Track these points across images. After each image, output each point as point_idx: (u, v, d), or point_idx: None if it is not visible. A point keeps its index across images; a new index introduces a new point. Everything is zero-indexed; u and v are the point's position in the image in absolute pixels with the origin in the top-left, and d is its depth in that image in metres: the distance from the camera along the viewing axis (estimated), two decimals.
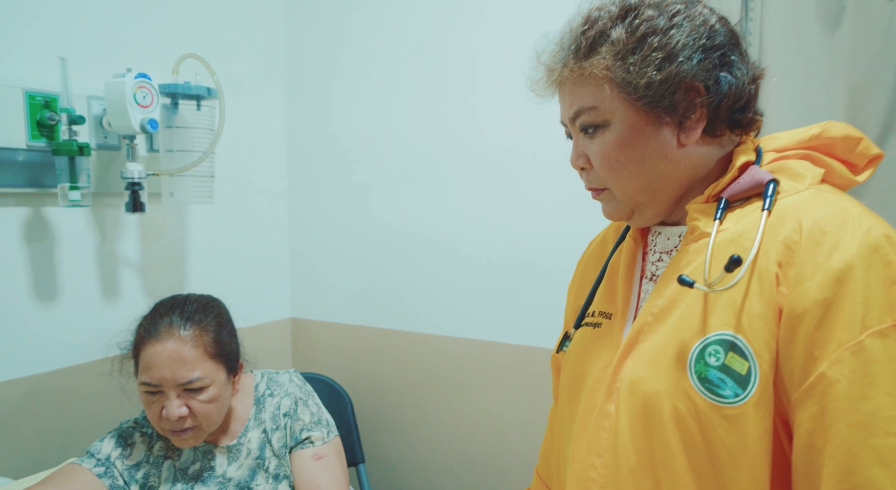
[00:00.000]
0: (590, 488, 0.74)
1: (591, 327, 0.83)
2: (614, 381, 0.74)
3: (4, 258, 1.31)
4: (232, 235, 1.77)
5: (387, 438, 1.79)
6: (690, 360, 0.67)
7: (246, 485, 1.20)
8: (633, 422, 0.71)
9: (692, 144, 0.72)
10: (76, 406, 1.39)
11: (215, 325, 1.16)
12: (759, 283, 0.64)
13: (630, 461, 0.71)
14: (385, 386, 1.78)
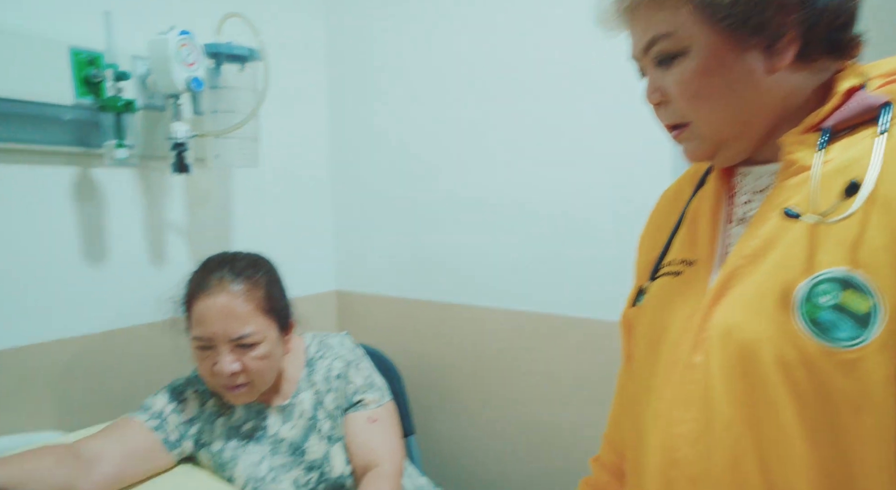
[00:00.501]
0: (677, 445, 0.68)
1: (671, 276, 0.76)
2: (702, 329, 0.67)
3: (54, 217, 1.30)
4: (275, 203, 1.74)
5: (437, 411, 1.74)
6: (796, 302, 0.60)
7: (299, 446, 1.17)
8: (727, 372, 0.64)
9: (783, 71, 0.64)
10: (126, 367, 1.38)
11: (266, 281, 1.13)
12: (882, 212, 0.57)
13: (724, 415, 0.64)
14: (434, 359, 1.74)
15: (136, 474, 1.08)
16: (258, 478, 1.13)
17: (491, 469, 1.65)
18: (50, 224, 1.29)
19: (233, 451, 1.15)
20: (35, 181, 1.27)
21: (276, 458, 1.16)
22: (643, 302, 0.80)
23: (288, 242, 1.78)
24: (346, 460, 1.18)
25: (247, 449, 1.15)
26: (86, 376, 1.32)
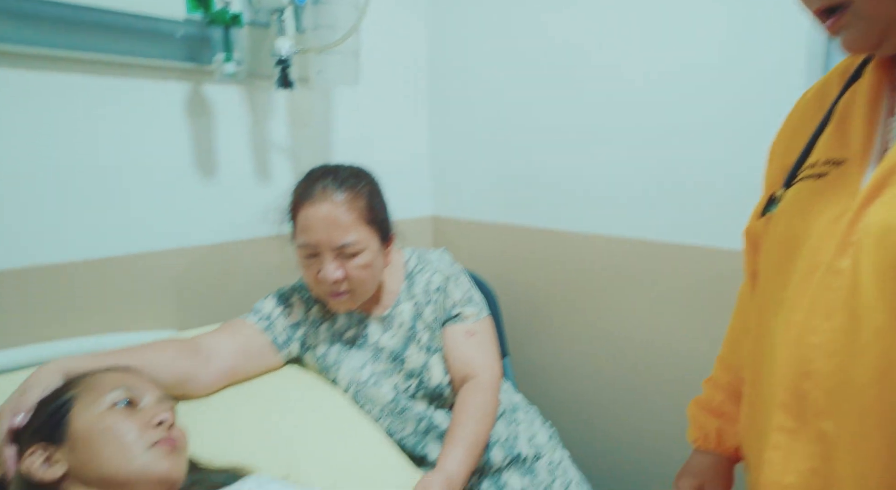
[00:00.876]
0: (811, 357, 0.62)
1: (813, 179, 0.69)
2: (851, 232, 0.60)
3: (168, 131, 1.35)
4: (374, 124, 1.74)
5: (532, 335, 1.74)
6: None
7: (399, 354, 1.20)
8: (881, 276, 0.57)
9: None
10: (235, 277, 1.44)
11: (368, 192, 1.14)
12: None
13: (876, 321, 0.58)
14: (530, 284, 1.72)
15: (249, 370, 1.14)
16: (360, 381, 1.17)
17: (587, 394, 1.64)
18: (165, 138, 1.34)
19: (336, 356, 1.19)
20: (150, 96, 1.32)
21: (378, 365, 1.19)
22: (776, 210, 0.74)
23: (385, 165, 1.78)
24: (445, 370, 1.19)
25: (349, 354, 1.20)
26: (199, 283, 1.39)
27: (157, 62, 1.31)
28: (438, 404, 1.20)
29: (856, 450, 0.59)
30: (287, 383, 1.16)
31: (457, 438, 1.07)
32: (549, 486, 1.24)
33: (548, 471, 1.26)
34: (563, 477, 1.27)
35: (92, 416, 0.80)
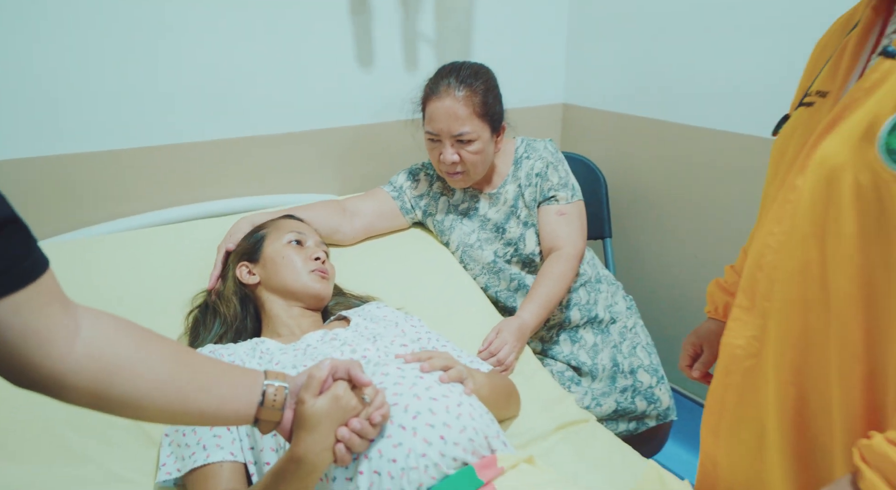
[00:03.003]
0: (764, 252, 0.80)
1: (805, 107, 0.82)
2: (809, 157, 0.74)
3: (335, 27, 1.63)
4: (513, 20, 1.90)
5: (637, 220, 1.91)
6: (882, 134, 0.65)
7: (501, 226, 1.47)
8: (814, 193, 0.72)
9: None
10: (383, 152, 1.76)
11: (483, 89, 1.36)
12: None
13: (803, 229, 0.74)
14: (642, 172, 1.87)
15: (382, 228, 1.49)
16: (468, 244, 1.47)
17: (679, 277, 1.82)
18: (332, 33, 1.63)
19: (450, 223, 1.50)
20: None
21: (483, 233, 1.48)
22: (782, 130, 0.87)
23: (522, 54, 1.95)
24: (537, 242, 1.45)
25: (461, 222, 1.49)
26: (355, 157, 1.74)
27: None
28: (529, 269, 1.47)
29: (780, 322, 0.79)
30: (410, 241, 1.50)
31: (534, 296, 1.35)
32: (619, 345, 1.49)
33: (619, 333, 1.51)
34: (632, 339, 1.51)
35: (276, 246, 1.18)
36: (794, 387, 0.81)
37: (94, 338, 0.62)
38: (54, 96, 1.33)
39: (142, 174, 1.46)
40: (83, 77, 1.35)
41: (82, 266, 1.23)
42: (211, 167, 1.54)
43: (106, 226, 1.41)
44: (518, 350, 1.28)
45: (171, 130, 1.48)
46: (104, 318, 0.65)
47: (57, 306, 0.59)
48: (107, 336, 0.64)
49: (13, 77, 1.28)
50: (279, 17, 1.54)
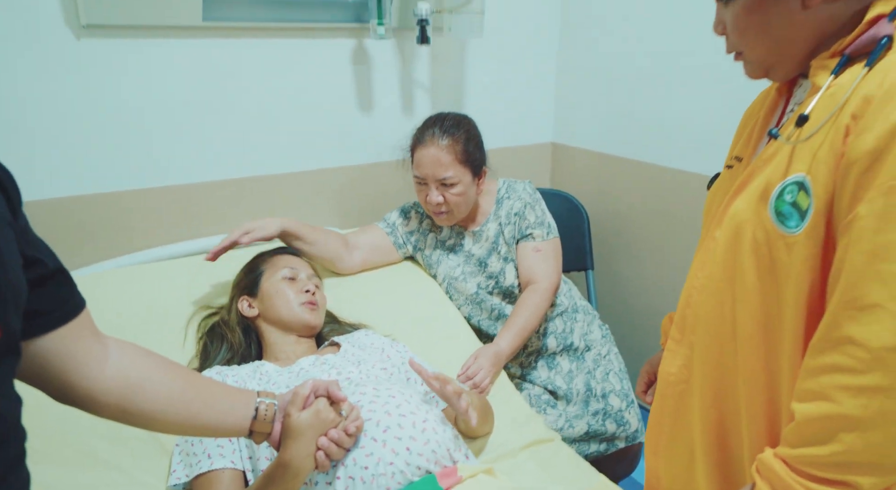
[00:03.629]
0: (691, 292, 0.94)
1: (728, 169, 0.96)
2: (724, 213, 0.89)
3: (339, 76, 1.80)
4: (502, 66, 2.06)
5: (618, 253, 2.05)
6: (772, 198, 0.79)
7: (483, 260, 1.61)
8: (725, 245, 0.87)
9: (819, 4, 0.75)
10: (376, 190, 1.91)
11: (465, 138, 1.51)
12: (833, 132, 0.72)
13: (718, 274, 0.88)
14: (624, 208, 2.01)
15: (377, 262, 1.64)
16: (453, 277, 1.62)
17: (655, 307, 1.95)
18: (336, 81, 1.80)
19: (438, 257, 1.65)
20: (326, 50, 1.77)
21: (467, 267, 1.62)
22: (713, 186, 1.02)
23: (511, 98, 2.11)
24: (516, 275, 1.60)
25: (448, 257, 1.64)
26: (354, 194, 1.90)
27: (332, 24, 1.75)
28: (509, 300, 1.61)
29: (703, 354, 0.93)
30: (401, 274, 1.65)
31: (511, 325, 1.49)
32: (592, 371, 1.62)
33: (594, 360, 1.64)
34: (605, 366, 1.64)
35: (272, 281, 1.33)
36: (714, 409, 0.95)
37: (120, 363, 0.78)
38: (71, 141, 1.50)
39: (157, 212, 1.63)
40: (95, 123, 1.52)
41: (104, 297, 1.39)
42: (221, 204, 1.71)
43: (122, 259, 1.57)
44: (493, 374, 1.42)
45: (184, 171, 1.65)
46: (127, 346, 0.80)
47: (91, 337, 0.75)
48: (130, 361, 0.79)
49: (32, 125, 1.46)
50: (287, 67, 1.71)
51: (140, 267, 1.53)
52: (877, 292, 0.67)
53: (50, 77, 1.44)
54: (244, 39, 1.64)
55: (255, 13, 1.63)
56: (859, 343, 0.69)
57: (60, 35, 1.44)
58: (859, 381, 0.70)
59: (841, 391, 0.71)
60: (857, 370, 0.70)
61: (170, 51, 1.55)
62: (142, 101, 1.55)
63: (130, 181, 1.59)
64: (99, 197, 1.55)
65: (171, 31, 1.54)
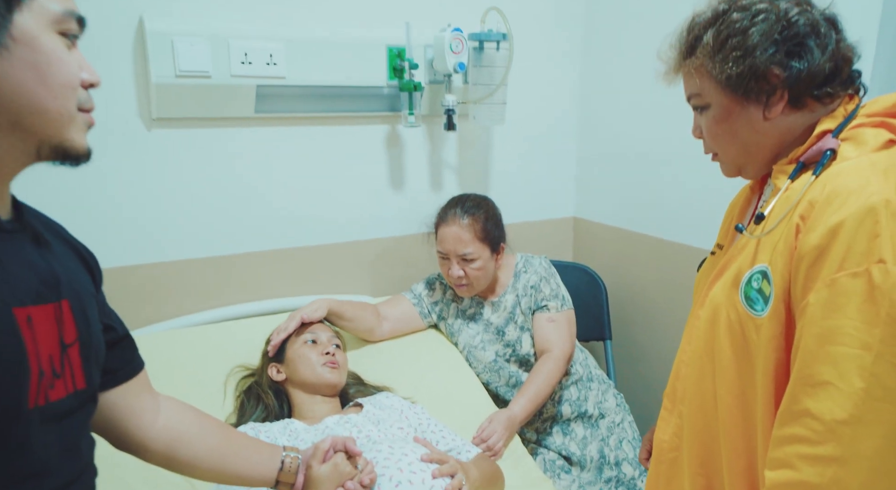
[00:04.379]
0: (679, 366, 1.05)
1: (712, 255, 1.08)
2: (706, 295, 1.00)
3: (374, 159, 1.99)
4: (524, 148, 2.22)
5: (636, 325, 2.13)
6: (742, 284, 0.90)
7: (501, 329, 1.73)
8: (706, 324, 0.97)
9: (778, 117, 0.89)
10: (406, 262, 2.06)
11: (484, 218, 1.66)
12: (787, 229, 0.83)
13: (700, 349, 0.98)
14: (642, 282, 2.10)
15: (405, 330, 1.78)
16: (473, 345, 1.73)
17: None
18: (371, 162, 1.99)
19: (459, 326, 1.77)
20: (364, 135, 1.96)
21: (486, 335, 1.74)
22: (701, 269, 1.13)
23: (533, 177, 2.27)
24: (532, 344, 1.70)
25: (468, 326, 1.76)
26: (385, 264, 2.05)
27: (369, 113, 1.95)
28: (525, 368, 1.71)
29: (690, 423, 1.02)
30: (425, 341, 1.77)
31: (525, 391, 1.58)
32: (606, 438, 1.69)
33: (608, 428, 1.71)
34: (619, 434, 1.71)
35: (295, 347, 1.48)
36: (701, 476, 1.04)
37: (169, 417, 0.92)
38: (135, 217, 1.71)
39: (205, 279, 1.81)
40: (157, 201, 1.73)
41: (156, 357, 1.55)
42: (265, 272, 1.88)
43: (173, 322, 1.74)
44: (506, 438, 1.51)
45: (233, 242, 1.83)
46: (176, 403, 0.95)
47: (147, 394, 0.90)
48: (177, 416, 0.93)
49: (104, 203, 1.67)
50: (328, 150, 1.91)
51: (188, 329, 1.70)
52: (827, 371, 0.77)
53: (123, 161, 1.66)
54: (291, 127, 1.85)
55: (301, 105, 1.84)
56: (815, 416, 0.78)
57: (134, 126, 1.67)
58: (816, 450, 0.78)
59: (801, 460, 0.79)
60: (813, 441, 0.79)
61: (226, 138, 1.77)
62: (199, 182, 1.76)
63: (184, 251, 1.77)
64: (157, 265, 1.74)
65: (227, 121, 1.76)
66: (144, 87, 1.65)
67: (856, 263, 0.75)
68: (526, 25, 2.07)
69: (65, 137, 0.68)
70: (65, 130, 0.68)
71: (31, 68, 0.64)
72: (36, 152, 0.68)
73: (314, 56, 1.78)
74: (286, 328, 1.52)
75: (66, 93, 0.67)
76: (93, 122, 0.74)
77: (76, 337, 0.71)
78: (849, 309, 0.75)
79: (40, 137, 0.67)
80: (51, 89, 0.65)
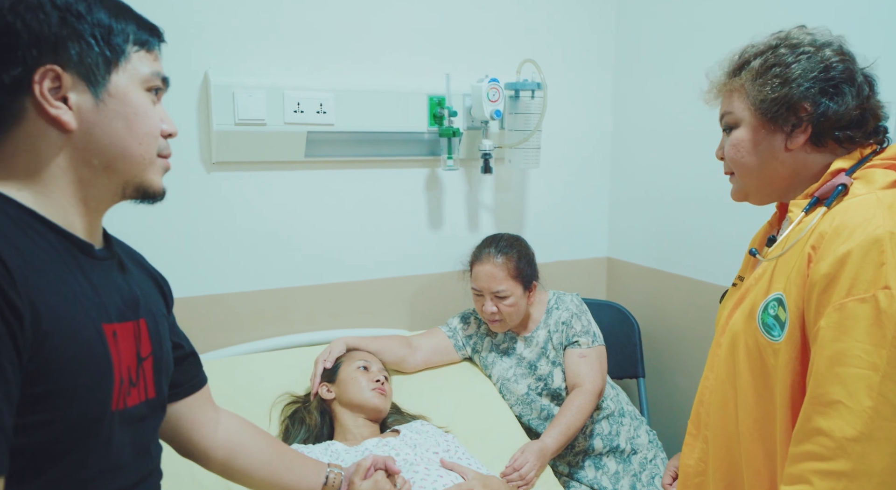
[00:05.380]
0: (703, 392, 1.10)
1: (733, 286, 1.14)
2: (727, 324, 1.06)
3: (414, 200, 2.10)
4: (558, 190, 2.31)
5: (669, 363, 2.16)
6: (759, 311, 0.96)
7: (533, 363, 1.79)
8: (727, 351, 1.03)
9: (798, 150, 0.96)
10: (442, 296, 2.14)
11: (517, 257, 1.74)
12: (800, 259, 0.90)
13: (723, 376, 1.04)
14: (674, 321, 2.14)
15: (438, 362, 1.85)
16: (506, 378, 1.80)
17: None
18: (412, 203, 2.10)
19: (493, 359, 1.84)
20: (406, 178, 2.09)
21: (519, 369, 1.80)
22: (724, 301, 1.19)
23: (567, 219, 2.35)
24: (563, 378, 1.76)
25: (501, 360, 1.83)
26: (423, 300, 2.14)
27: (411, 157, 2.07)
28: (556, 402, 1.76)
29: (715, 447, 1.07)
30: (459, 373, 1.84)
31: (557, 423, 1.63)
32: (638, 474, 1.72)
33: (640, 463, 1.74)
34: (651, 470, 1.74)
35: (348, 370, 1.57)
36: None
37: (227, 428, 1.02)
38: (198, 252, 1.84)
39: (258, 311, 1.92)
40: (217, 238, 1.86)
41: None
42: (311, 305, 1.99)
43: (226, 350, 1.85)
44: (538, 468, 1.55)
45: (282, 276, 1.95)
46: (234, 416, 1.05)
47: (210, 406, 1.00)
48: (235, 428, 1.03)
49: (171, 239, 1.81)
50: (371, 191, 2.03)
51: (235, 358, 1.81)
52: (837, 391, 0.82)
53: (185, 202, 1.80)
54: (338, 170, 1.99)
55: (348, 150, 1.98)
56: (827, 434, 0.84)
57: (196, 169, 1.82)
58: (828, 466, 0.83)
59: (814, 475, 0.85)
60: (825, 457, 0.84)
61: (278, 180, 1.91)
62: (252, 221, 1.89)
63: (234, 285, 1.89)
64: (215, 297, 1.87)
65: (279, 165, 1.90)
66: (206, 133, 1.80)
67: (863, 290, 0.82)
68: (560, 73, 2.19)
69: (145, 178, 0.81)
70: (146, 173, 0.80)
71: (122, 119, 0.77)
72: (122, 191, 0.80)
73: (360, 105, 1.92)
74: (316, 374, 1.62)
75: (149, 141, 0.80)
76: (169, 167, 0.86)
77: (150, 352, 0.82)
78: (857, 332, 0.81)
79: (126, 178, 0.79)
80: (137, 137, 0.78)
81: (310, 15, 1.88)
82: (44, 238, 0.71)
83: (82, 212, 0.77)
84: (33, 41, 0.70)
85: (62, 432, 0.69)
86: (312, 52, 1.89)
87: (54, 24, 0.71)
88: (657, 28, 2.14)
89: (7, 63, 0.70)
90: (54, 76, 0.71)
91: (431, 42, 2.05)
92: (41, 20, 0.70)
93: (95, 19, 0.73)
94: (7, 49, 0.69)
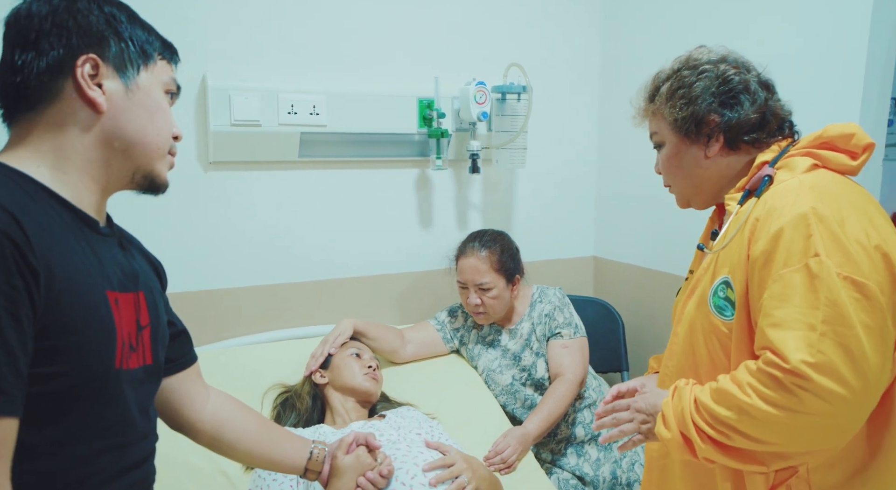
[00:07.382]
0: (664, 380, 1.17)
1: (686, 280, 1.22)
2: (682, 313, 1.13)
3: (405, 199, 2.18)
4: (545, 190, 2.39)
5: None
6: (710, 297, 1.04)
7: (517, 355, 1.86)
8: (684, 337, 1.11)
9: (717, 156, 1.07)
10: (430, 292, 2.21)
11: (500, 251, 1.82)
12: (741, 243, 0.98)
13: (681, 361, 1.11)
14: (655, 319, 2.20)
15: (427, 354, 1.92)
16: (491, 369, 1.86)
17: None
18: (402, 203, 2.18)
19: (479, 351, 1.90)
20: (396, 178, 2.16)
21: (503, 360, 1.87)
22: (679, 293, 1.26)
23: (555, 219, 2.42)
24: (546, 369, 1.82)
25: (487, 351, 1.89)
26: (412, 296, 2.21)
27: (401, 158, 2.15)
28: (540, 391, 1.83)
29: None
30: (447, 365, 1.91)
31: (539, 411, 1.70)
32: (619, 461, 1.78)
33: None
34: (631, 457, 1.80)
35: (341, 356, 1.64)
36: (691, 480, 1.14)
37: (216, 404, 1.08)
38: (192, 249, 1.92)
39: (251, 305, 1.99)
40: (212, 235, 1.94)
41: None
42: (303, 301, 2.06)
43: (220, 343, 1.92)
44: (520, 452, 1.62)
45: (275, 273, 2.02)
46: (222, 393, 1.12)
47: (200, 382, 1.07)
48: (223, 403, 1.10)
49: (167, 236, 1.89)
50: (363, 191, 2.10)
51: (229, 350, 1.88)
52: (773, 335, 0.90)
53: (183, 200, 1.88)
54: (330, 170, 2.06)
55: (340, 151, 2.06)
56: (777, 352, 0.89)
57: (193, 169, 1.90)
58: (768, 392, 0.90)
59: (753, 390, 0.91)
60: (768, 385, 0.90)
61: (272, 180, 1.98)
62: (249, 218, 1.96)
63: (228, 280, 1.96)
64: (208, 292, 1.94)
65: (274, 164, 1.98)
66: (203, 134, 1.88)
67: (797, 260, 0.90)
68: (545, 76, 2.26)
69: (154, 167, 0.89)
70: (157, 162, 0.89)
71: (146, 110, 0.87)
72: (132, 176, 0.89)
73: (352, 107, 2.00)
74: (322, 353, 1.68)
75: (165, 134, 0.90)
76: (174, 164, 0.95)
77: (148, 322, 0.89)
78: (795, 298, 0.90)
79: (139, 163, 0.88)
80: (155, 127, 0.89)
81: (303, 21, 1.96)
82: (56, 211, 0.80)
83: (93, 190, 0.86)
84: (79, 32, 0.82)
85: (73, 384, 0.77)
86: (305, 56, 1.98)
87: (101, 23, 0.84)
88: (643, 30, 2.22)
89: (53, 45, 0.80)
90: (94, 64, 0.82)
91: (421, 47, 2.13)
92: (89, 18, 0.83)
93: (134, 28, 0.87)
94: (55, 34, 0.81)
